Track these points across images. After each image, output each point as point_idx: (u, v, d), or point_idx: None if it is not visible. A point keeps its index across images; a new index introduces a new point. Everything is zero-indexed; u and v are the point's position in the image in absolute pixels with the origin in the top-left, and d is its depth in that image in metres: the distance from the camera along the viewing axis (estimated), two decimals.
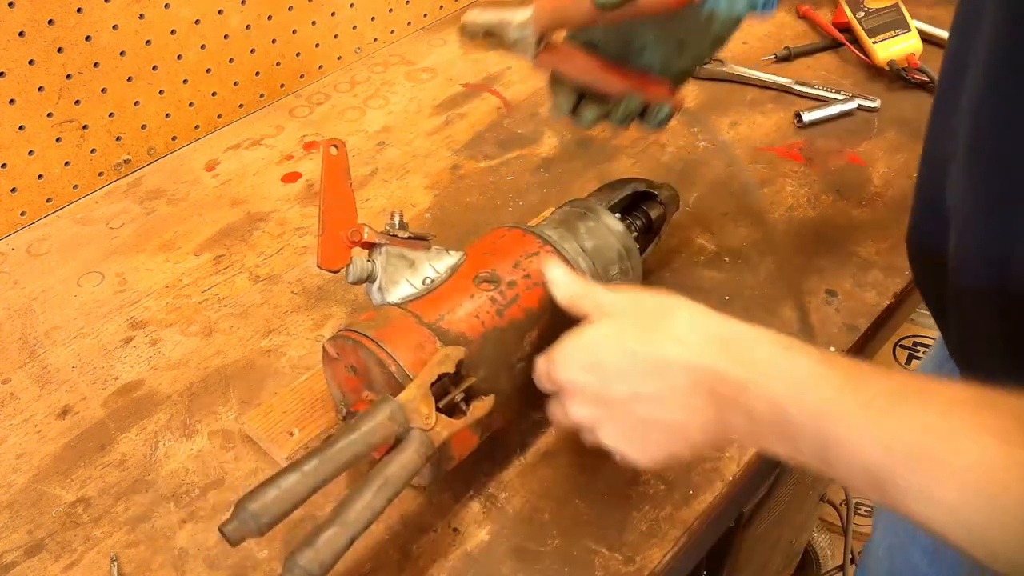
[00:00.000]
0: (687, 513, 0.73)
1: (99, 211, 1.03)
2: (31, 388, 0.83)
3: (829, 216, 1.00)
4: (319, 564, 0.56)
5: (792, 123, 1.14)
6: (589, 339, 0.62)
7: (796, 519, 1.39)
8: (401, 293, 0.73)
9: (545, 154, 1.10)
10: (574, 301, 0.66)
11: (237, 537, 0.56)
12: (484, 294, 0.70)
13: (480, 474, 0.75)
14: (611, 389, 0.60)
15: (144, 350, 0.87)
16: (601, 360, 0.61)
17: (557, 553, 0.70)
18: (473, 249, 0.76)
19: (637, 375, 0.59)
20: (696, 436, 0.59)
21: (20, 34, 0.92)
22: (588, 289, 0.66)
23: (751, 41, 1.30)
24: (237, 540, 0.56)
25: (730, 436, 0.58)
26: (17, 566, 0.70)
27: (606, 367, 0.61)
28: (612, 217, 0.79)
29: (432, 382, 0.63)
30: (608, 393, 0.61)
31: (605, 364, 0.61)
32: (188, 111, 1.11)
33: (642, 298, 0.63)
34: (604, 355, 0.61)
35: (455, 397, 0.65)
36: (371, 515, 0.58)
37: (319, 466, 0.58)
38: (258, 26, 1.13)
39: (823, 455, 0.51)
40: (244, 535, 0.56)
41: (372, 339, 0.66)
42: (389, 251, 0.74)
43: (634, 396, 0.60)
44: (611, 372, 0.60)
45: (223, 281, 0.94)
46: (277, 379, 0.83)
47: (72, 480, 0.76)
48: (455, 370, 0.65)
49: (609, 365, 0.60)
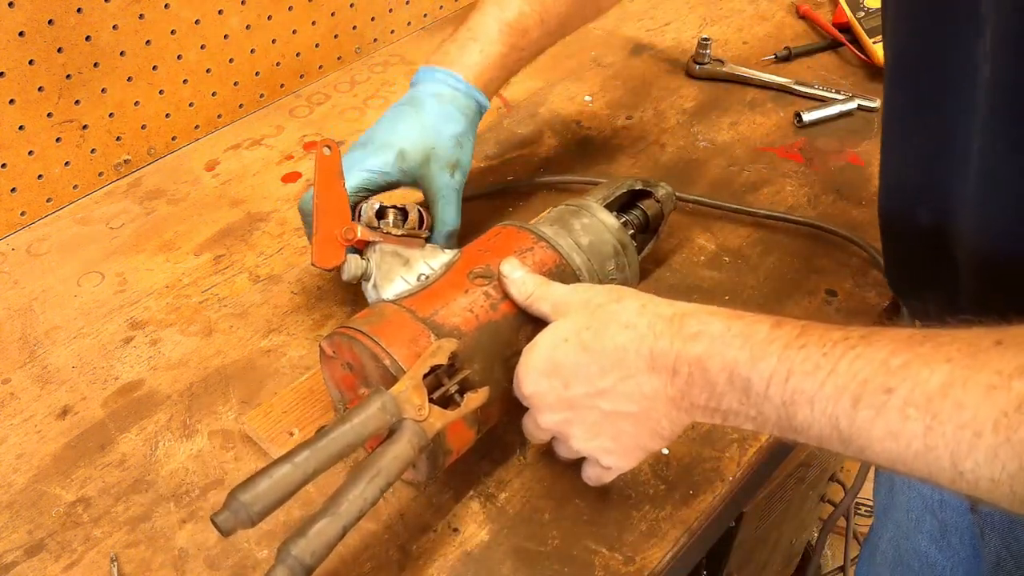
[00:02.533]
0: (687, 513, 0.73)
1: (99, 211, 1.03)
2: (31, 388, 0.83)
3: (829, 216, 1.00)
4: (311, 553, 0.56)
5: (792, 123, 1.14)
6: (545, 344, 0.63)
7: (796, 519, 1.39)
8: (396, 290, 0.73)
9: (545, 154, 1.10)
10: (530, 301, 0.67)
11: (228, 527, 0.56)
12: (478, 289, 0.71)
13: (480, 474, 0.75)
14: (572, 389, 0.61)
15: (144, 350, 0.87)
16: (559, 362, 0.61)
17: (557, 553, 0.70)
18: (469, 247, 0.76)
19: (595, 370, 0.60)
20: (663, 422, 0.59)
21: (20, 34, 0.92)
22: (543, 288, 0.67)
23: (751, 41, 1.30)
24: (228, 530, 0.56)
25: (695, 417, 0.58)
26: (17, 566, 0.70)
27: (564, 369, 0.61)
28: (607, 213, 0.79)
29: (425, 374, 0.64)
30: (570, 394, 0.61)
31: (563, 366, 0.61)
32: (188, 111, 1.11)
33: (593, 294, 0.64)
34: (561, 357, 0.61)
35: (449, 389, 0.65)
36: (364, 505, 0.58)
37: (311, 457, 0.58)
38: (258, 26, 1.13)
39: (789, 415, 0.51)
40: (235, 525, 0.56)
41: (366, 334, 0.66)
42: (383, 249, 0.74)
43: (596, 392, 0.60)
44: (570, 372, 0.61)
45: (223, 281, 0.94)
46: (277, 379, 0.83)
47: (72, 480, 0.76)
48: (448, 362, 0.65)
49: (566, 366, 0.61)
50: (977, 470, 0.44)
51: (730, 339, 0.54)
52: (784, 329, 0.53)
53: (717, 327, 0.56)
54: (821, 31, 1.31)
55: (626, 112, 1.17)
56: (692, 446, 0.77)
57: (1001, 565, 0.77)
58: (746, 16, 1.36)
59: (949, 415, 0.44)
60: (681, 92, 1.21)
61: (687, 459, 0.77)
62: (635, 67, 1.25)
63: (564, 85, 1.22)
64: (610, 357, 0.59)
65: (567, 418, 0.62)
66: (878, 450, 0.48)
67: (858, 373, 0.48)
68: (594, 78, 1.23)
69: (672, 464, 0.76)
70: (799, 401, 0.50)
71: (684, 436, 0.78)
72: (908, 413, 0.46)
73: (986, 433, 0.43)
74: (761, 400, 0.52)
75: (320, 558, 0.56)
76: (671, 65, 1.26)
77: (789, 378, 0.51)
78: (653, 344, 0.57)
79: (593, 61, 1.27)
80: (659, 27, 1.34)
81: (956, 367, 0.45)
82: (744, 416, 0.54)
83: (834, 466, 1.46)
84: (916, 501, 0.89)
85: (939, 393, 0.45)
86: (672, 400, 0.57)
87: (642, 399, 0.58)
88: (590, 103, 1.19)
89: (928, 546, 0.88)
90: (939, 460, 0.45)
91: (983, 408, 0.43)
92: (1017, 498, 0.43)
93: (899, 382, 0.46)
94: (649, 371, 0.58)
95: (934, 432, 0.45)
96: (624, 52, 1.29)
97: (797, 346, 0.51)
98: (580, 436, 0.63)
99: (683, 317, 0.57)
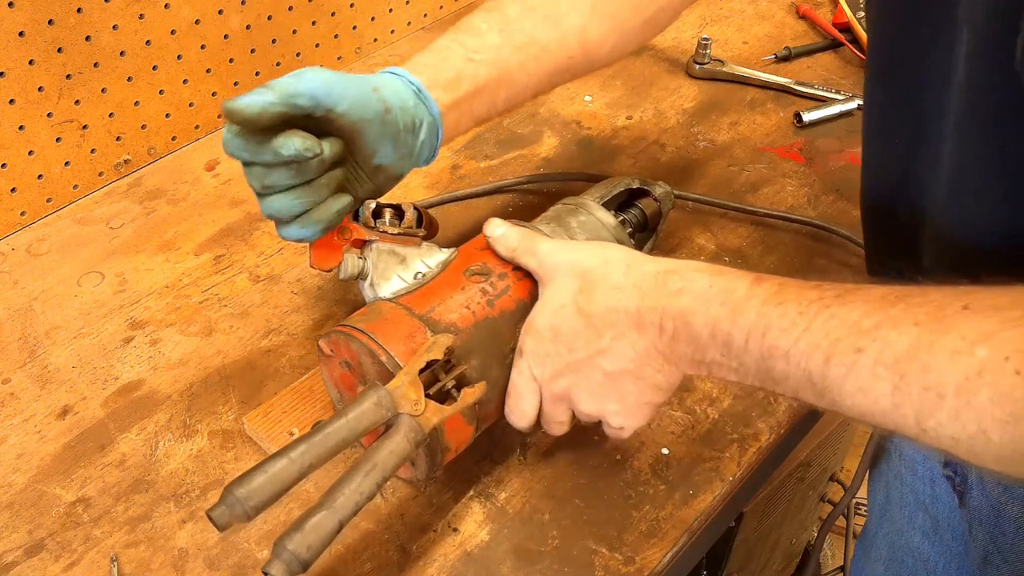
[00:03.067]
0: (687, 513, 0.73)
1: (99, 211, 1.03)
2: (31, 388, 0.83)
3: (829, 216, 1.00)
4: (307, 547, 0.56)
5: (792, 123, 1.14)
6: (545, 312, 0.66)
7: (796, 519, 1.39)
8: (392, 288, 0.73)
9: (545, 154, 1.10)
10: (515, 255, 0.70)
11: (224, 522, 0.56)
12: (475, 286, 0.71)
13: (480, 474, 0.75)
14: (575, 353, 0.64)
15: (144, 350, 0.87)
16: (558, 328, 0.64)
17: (557, 553, 0.70)
18: (466, 246, 0.76)
19: (591, 333, 0.63)
20: (658, 376, 0.62)
21: (20, 34, 0.92)
22: (528, 242, 0.69)
23: (751, 41, 1.30)
24: (224, 525, 0.56)
25: (684, 369, 0.61)
26: (17, 566, 0.70)
27: (564, 334, 0.64)
28: (604, 211, 0.79)
29: (421, 369, 0.64)
30: (573, 357, 0.64)
31: (562, 331, 0.64)
32: (188, 111, 1.11)
33: (580, 254, 0.66)
34: (560, 322, 0.64)
35: (446, 384, 0.65)
36: (360, 499, 0.59)
37: (306, 452, 0.58)
38: (258, 26, 1.13)
39: (767, 367, 0.54)
40: (231, 520, 0.56)
41: (363, 331, 0.66)
42: (380, 247, 0.74)
43: (595, 352, 0.63)
44: (570, 336, 0.64)
45: (223, 281, 0.94)
46: (277, 379, 0.83)
47: (72, 480, 0.76)
48: (445, 357, 0.65)
49: (566, 330, 0.64)
50: (939, 429, 0.46)
51: (712, 295, 0.57)
52: (763, 286, 0.55)
53: (700, 284, 0.58)
54: (821, 31, 1.31)
55: (626, 112, 1.17)
56: (692, 446, 0.78)
57: (988, 559, 0.77)
58: (746, 16, 1.36)
59: (915, 377, 0.47)
60: (681, 92, 1.21)
61: (687, 459, 0.77)
62: (635, 67, 1.25)
63: (564, 85, 1.22)
64: (603, 319, 0.62)
65: (574, 381, 0.65)
66: (849, 404, 0.50)
67: (831, 332, 0.50)
68: (594, 78, 1.23)
69: (672, 464, 0.76)
70: (776, 355, 0.53)
71: (684, 436, 0.78)
72: (877, 372, 0.48)
73: (948, 395, 0.45)
74: (741, 353, 0.55)
75: (316, 552, 0.56)
76: (671, 65, 1.26)
77: (766, 333, 0.53)
78: (640, 303, 0.61)
79: None
80: None
81: (923, 331, 0.47)
82: (727, 368, 0.57)
83: (834, 466, 1.46)
84: (909, 497, 0.89)
85: (906, 355, 0.47)
86: (662, 354, 0.61)
87: (636, 357, 0.62)
88: (590, 103, 1.19)
89: (921, 541, 0.88)
90: (905, 418, 0.48)
91: (947, 372, 0.45)
92: (975, 455, 0.46)
93: (869, 343, 0.49)
94: (638, 329, 0.61)
95: (901, 392, 0.47)
96: None
97: (775, 303, 0.54)
98: (587, 399, 0.66)
99: (667, 274, 0.61)
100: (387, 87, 0.69)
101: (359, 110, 0.66)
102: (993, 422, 0.44)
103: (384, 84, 0.69)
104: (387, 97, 0.68)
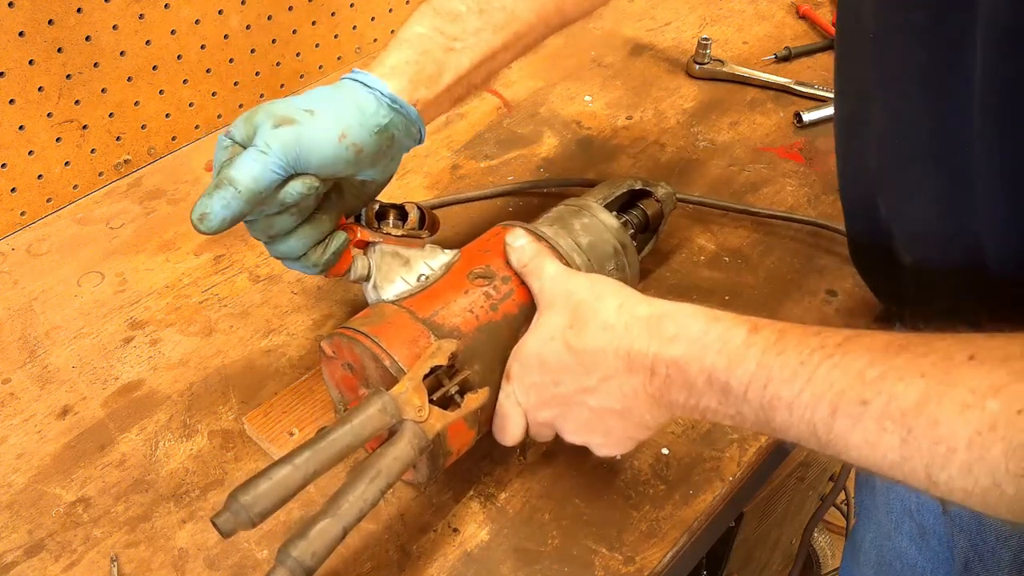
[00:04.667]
0: (687, 513, 0.73)
1: (99, 211, 1.03)
2: (31, 388, 0.83)
3: (829, 216, 1.00)
4: (311, 554, 0.56)
5: (792, 123, 1.14)
6: (533, 341, 0.65)
7: (796, 519, 1.39)
8: (396, 290, 0.73)
9: (545, 154, 1.10)
10: (524, 271, 0.70)
11: (228, 528, 0.56)
12: (478, 289, 0.71)
13: (480, 474, 0.75)
14: (561, 387, 0.63)
15: (144, 350, 0.87)
16: (547, 360, 0.64)
17: (557, 553, 0.70)
18: (469, 247, 0.76)
19: (579, 369, 0.62)
20: (646, 417, 0.61)
21: (20, 34, 0.92)
22: (537, 262, 0.69)
23: (751, 41, 1.30)
24: (229, 532, 0.56)
25: (675, 413, 0.60)
26: (17, 566, 0.70)
27: (551, 366, 0.64)
28: (607, 213, 0.79)
29: (425, 375, 0.64)
30: (559, 391, 0.64)
31: (550, 363, 0.64)
32: (188, 111, 1.11)
33: (575, 285, 0.65)
34: (548, 354, 0.64)
35: (449, 390, 0.65)
36: (364, 506, 0.58)
37: (311, 458, 0.58)
38: (258, 26, 1.13)
39: (767, 417, 0.52)
40: (235, 527, 0.56)
41: (366, 335, 0.66)
42: (383, 249, 0.74)
43: (581, 389, 0.62)
44: (556, 370, 0.63)
45: (223, 281, 0.94)
46: (277, 379, 0.83)
47: (72, 480, 0.76)
48: (448, 363, 0.65)
49: (553, 363, 0.63)
50: (951, 482, 0.45)
51: (708, 343, 0.56)
52: (762, 334, 0.54)
53: (695, 330, 0.57)
54: (821, 31, 1.31)
55: (626, 112, 1.17)
56: (692, 446, 0.77)
57: (969, 567, 0.78)
58: (746, 16, 1.36)
59: (924, 430, 0.45)
60: (681, 92, 1.21)
61: (687, 459, 0.77)
62: (635, 67, 1.25)
63: (564, 85, 1.22)
64: (592, 357, 0.61)
65: (560, 413, 0.65)
66: (855, 456, 0.49)
67: (835, 383, 0.49)
68: (594, 78, 1.23)
69: (672, 464, 0.76)
70: (777, 406, 0.51)
71: (684, 436, 0.78)
72: (884, 425, 0.47)
73: (960, 449, 0.44)
74: (740, 402, 0.54)
75: (321, 559, 0.56)
76: (671, 65, 1.26)
77: (768, 384, 0.52)
78: (630, 346, 0.59)
79: (593, 61, 1.27)
80: (659, 27, 1.34)
81: (931, 382, 0.46)
82: (723, 414, 0.56)
83: (834, 466, 1.46)
84: (895, 503, 0.89)
85: (914, 409, 0.46)
86: (652, 397, 0.59)
87: (623, 398, 0.61)
88: (590, 103, 1.19)
89: (908, 547, 0.88)
90: (914, 471, 0.46)
91: (958, 426, 0.44)
92: (989, 507, 0.45)
93: (874, 395, 0.47)
94: (628, 372, 0.59)
95: (909, 445, 0.46)
96: (624, 52, 1.29)
97: (775, 352, 0.52)
98: (571, 431, 0.66)
99: (660, 319, 0.59)
100: (354, 126, 0.65)
101: (330, 167, 0.65)
102: (1007, 476, 0.43)
103: (350, 123, 0.65)
104: (355, 138, 0.65)
